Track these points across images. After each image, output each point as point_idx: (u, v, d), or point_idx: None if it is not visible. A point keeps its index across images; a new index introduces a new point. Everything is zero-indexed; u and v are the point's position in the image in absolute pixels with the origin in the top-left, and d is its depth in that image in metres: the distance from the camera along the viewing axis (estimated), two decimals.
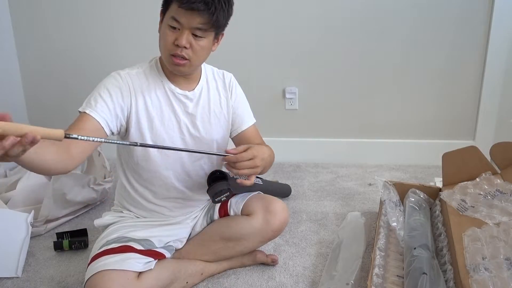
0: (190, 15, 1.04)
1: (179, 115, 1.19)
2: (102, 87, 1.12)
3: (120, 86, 1.12)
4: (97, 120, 1.07)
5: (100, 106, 1.08)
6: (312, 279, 1.31)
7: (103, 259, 1.09)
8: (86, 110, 1.07)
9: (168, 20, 1.08)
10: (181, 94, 1.19)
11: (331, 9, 2.11)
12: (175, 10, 1.05)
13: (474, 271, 1.04)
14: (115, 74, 1.15)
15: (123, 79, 1.14)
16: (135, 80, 1.15)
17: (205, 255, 1.30)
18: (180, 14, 1.05)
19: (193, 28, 1.06)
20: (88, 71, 2.37)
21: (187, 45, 1.07)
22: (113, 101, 1.10)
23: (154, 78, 1.17)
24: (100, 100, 1.09)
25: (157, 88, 1.17)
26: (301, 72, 2.22)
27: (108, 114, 1.09)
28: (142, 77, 1.16)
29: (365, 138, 2.29)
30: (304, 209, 1.78)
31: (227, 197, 1.19)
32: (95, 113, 1.07)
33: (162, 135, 1.18)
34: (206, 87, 1.25)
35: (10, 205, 1.63)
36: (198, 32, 1.07)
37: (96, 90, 1.12)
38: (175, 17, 1.06)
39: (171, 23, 1.07)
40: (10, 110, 2.63)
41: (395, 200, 1.52)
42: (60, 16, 2.30)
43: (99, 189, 1.77)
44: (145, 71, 1.18)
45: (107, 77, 1.15)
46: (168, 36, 1.08)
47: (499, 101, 2.12)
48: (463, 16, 2.05)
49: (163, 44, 1.11)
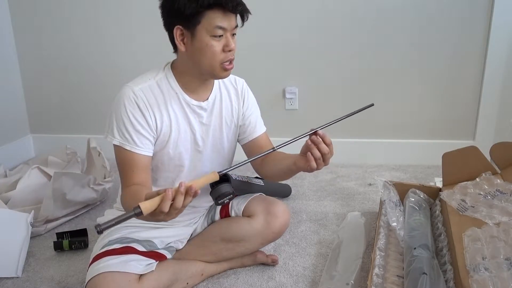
0: (230, 18, 1.06)
1: (194, 126, 1.18)
2: (126, 116, 1.09)
3: (140, 107, 1.09)
4: (143, 154, 1.10)
5: (138, 139, 1.09)
6: (312, 279, 1.31)
7: (105, 260, 1.09)
8: (126, 147, 1.08)
9: (210, 31, 1.04)
10: (196, 106, 1.17)
11: (331, 9, 2.11)
12: (216, 18, 1.04)
13: (474, 271, 1.04)
14: (129, 92, 1.09)
15: (139, 97, 1.10)
16: (149, 96, 1.11)
17: (205, 255, 1.30)
18: (224, 20, 1.05)
19: (233, 29, 1.08)
20: (88, 72, 2.37)
21: (234, 46, 1.09)
22: (143, 126, 1.10)
23: (168, 90, 1.14)
24: (133, 132, 1.09)
25: (173, 101, 1.14)
26: (301, 72, 2.22)
27: (147, 141, 1.11)
28: (156, 89, 1.13)
29: (365, 138, 2.29)
30: (304, 209, 1.78)
31: (230, 199, 1.19)
32: (138, 149, 1.09)
33: (179, 147, 1.17)
34: (219, 96, 1.23)
35: (10, 205, 1.63)
36: (235, 31, 1.10)
37: (121, 118, 1.09)
38: (220, 25, 1.04)
39: (215, 33, 1.05)
40: (10, 111, 2.63)
41: (395, 200, 1.52)
42: (60, 17, 2.30)
43: (99, 189, 1.77)
44: (158, 82, 1.14)
45: (123, 97, 1.09)
46: (216, 47, 1.06)
47: (499, 101, 2.12)
48: (463, 16, 2.05)
49: (212, 55, 1.07)
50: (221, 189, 1.16)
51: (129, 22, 2.25)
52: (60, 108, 2.47)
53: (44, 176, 1.78)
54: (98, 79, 2.37)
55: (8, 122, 2.33)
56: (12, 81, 2.38)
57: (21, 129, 2.46)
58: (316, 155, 1.04)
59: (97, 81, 2.38)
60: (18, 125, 2.43)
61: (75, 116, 2.47)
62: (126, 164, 1.09)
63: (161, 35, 1.16)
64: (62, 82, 2.41)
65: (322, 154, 1.05)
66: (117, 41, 2.30)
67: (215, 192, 1.17)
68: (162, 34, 1.15)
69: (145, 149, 1.10)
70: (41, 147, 2.51)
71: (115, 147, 1.10)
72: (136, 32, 2.26)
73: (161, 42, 1.24)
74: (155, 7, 1.15)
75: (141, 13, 2.21)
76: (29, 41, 2.36)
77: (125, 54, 2.31)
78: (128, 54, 2.30)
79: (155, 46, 2.24)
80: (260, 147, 1.28)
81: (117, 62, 2.33)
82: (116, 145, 1.09)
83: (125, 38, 2.29)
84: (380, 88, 2.21)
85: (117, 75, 2.21)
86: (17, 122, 2.42)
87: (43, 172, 1.79)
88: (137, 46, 2.28)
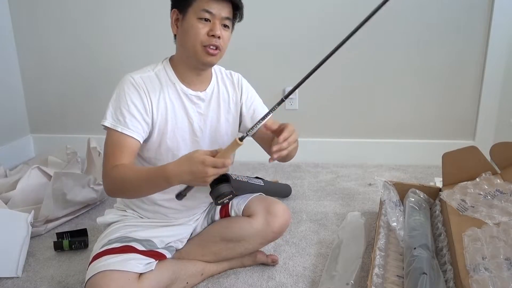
0: (221, 5, 1.09)
1: (192, 116, 1.19)
2: (123, 99, 1.10)
3: (138, 91, 1.11)
4: (133, 137, 1.08)
5: (131, 122, 1.08)
6: (312, 279, 1.31)
7: (104, 259, 1.09)
8: (118, 129, 1.07)
9: (197, 13, 1.08)
10: (193, 95, 1.19)
11: (331, 10, 2.11)
12: (205, 2, 1.08)
13: (474, 271, 1.04)
14: (130, 79, 1.12)
15: (139, 84, 1.12)
16: (148, 84, 1.13)
17: (205, 255, 1.30)
18: (212, 5, 1.08)
19: (223, 18, 1.10)
20: (88, 72, 2.38)
21: (221, 34, 1.09)
22: (139, 111, 1.10)
23: (166, 80, 1.17)
24: (127, 115, 1.08)
25: (170, 90, 1.16)
26: (301, 72, 2.20)
27: (140, 127, 1.10)
28: (155, 80, 1.15)
29: (365, 138, 2.29)
30: (304, 209, 1.78)
31: (230, 199, 1.19)
32: (130, 131, 1.08)
33: (177, 137, 1.18)
34: (217, 88, 1.25)
35: (10, 205, 1.63)
36: (226, 21, 1.11)
37: (117, 102, 1.10)
38: (207, 9, 1.08)
39: (202, 16, 1.08)
40: (10, 111, 2.63)
41: (395, 200, 1.52)
42: (60, 18, 2.30)
43: (99, 189, 1.77)
44: (156, 73, 1.16)
45: (122, 83, 1.12)
46: (200, 29, 1.09)
47: (499, 101, 2.12)
48: (463, 16, 2.05)
49: (194, 36, 1.09)
50: (221, 189, 1.16)
51: (129, 22, 2.25)
52: (60, 108, 2.47)
53: (44, 176, 1.78)
54: (98, 79, 2.37)
55: (8, 122, 2.33)
56: (12, 81, 2.38)
57: (21, 129, 2.46)
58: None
59: (97, 81, 2.38)
60: (18, 125, 2.43)
61: (75, 116, 2.47)
62: (116, 146, 1.07)
63: (161, 35, 1.17)
64: (62, 82, 2.41)
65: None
66: (117, 41, 2.30)
67: (215, 192, 1.17)
68: (162, 34, 1.16)
69: (135, 132, 1.09)
70: (41, 147, 2.51)
71: (107, 131, 1.10)
72: (137, 32, 2.26)
73: (161, 42, 1.25)
74: (156, 8, 1.15)
75: (142, 13, 2.21)
76: (29, 41, 2.36)
77: (126, 54, 2.31)
78: (129, 54, 2.30)
79: (156, 46, 2.25)
80: (271, 128, 1.26)
81: (117, 62, 2.33)
82: (108, 128, 1.09)
83: (126, 38, 2.29)
84: (380, 88, 2.21)
85: (117, 75, 2.19)
86: (17, 122, 2.43)
87: (43, 172, 1.79)
88: (138, 46, 2.28)
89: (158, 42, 2.24)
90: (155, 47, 2.23)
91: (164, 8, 1.21)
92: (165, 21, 1.25)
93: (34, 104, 2.47)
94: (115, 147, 1.07)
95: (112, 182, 1.05)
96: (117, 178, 1.04)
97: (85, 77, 2.39)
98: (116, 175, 1.03)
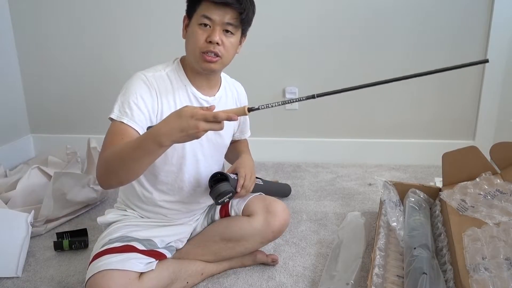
0: (222, 11, 1.07)
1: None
2: (133, 93, 1.09)
3: (149, 89, 1.11)
4: (137, 130, 1.07)
5: (137, 115, 1.07)
6: (312, 279, 1.31)
7: (105, 258, 1.09)
8: (123, 120, 1.06)
9: (198, 19, 1.09)
10: (203, 99, 1.19)
11: (331, 9, 2.11)
12: (206, 8, 1.07)
13: (474, 271, 1.04)
14: (141, 75, 1.12)
15: (150, 82, 1.12)
16: (160, 83, 1.13)
17: (205, 255, 1.30)
18: (212, 10, 1.07)
19: (224, 24, 1.09)
20: (88, 72, 2.37)
21: (219, 41, 1.08)
22: (146, 107, 1.09)
23: (177, 82, 1.17)
24: (135, 108, 1.08)
25: (181, 92, 1.16)
26: (301, 72, 2.22)
27: (144, 122, 1.09)
28: (166, 80, 1.15)
29: (365, 138, 2.29)
30: (304, 209, 1.78)
31: (230, 198, 1.19)
32: (134, 123, 1.06)
33: None
34: (225, 94, 1.27)
35: (10, 205, 1.63)
36: (229, 27, 1.10)
37: (126, 95, 1.09)
38: (206, 15, 1.07)
39: (202, 21, 1.08)
40: (10, 111, 2.63)
41: (395, 200, 1.52)
42: (61, 18, 2.30)
43: (99, 189, 1.77)
44: (168, 73, 1.17)
45: (134, 79, 1.12)
46: (199, 35, 1.08)
47: (499, 101, 2.12)
48: (463, 16, 2.05)
49: (194, 42, 1.10)
50: (221, 188, 1.16)
51: (130, 22, 2.25)
52: (60, 108, 2.47)
53: (44, 176, 1.78)
54: (99, 79, 2.37)
55: (8, 122, 2.33)
56: (12, 81, 2.38)
57: (21, 129, 2.46)
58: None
59: (97, 81, 2.38)
60: (18, 125, 2.43)
61: (75, 116, 2.47)
62: (117, 134, 1.05)
63: (164, 36, 1.17)
64: (62, 81, 2.41)
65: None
66: (117, 41, 2.30)
67: (215, 191, 1.17)
68: (164, 35, 1.16)
69: (139, 126, 1.07)
70: (41, 147, 2.51)
71: (111, 123, 1.08)
72: (138, 33, 2.26)
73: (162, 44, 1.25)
74: (156, 8, 1.15)
75: (142, 13, 2.21)
76: (29, 41, 2.36)
77: (126, 54, 2.30)
78: (129, 54, 2.30)
79: (157, 47, 2.25)
80: (239, 148, 1.39)
81: (117, 62, 2.33)
82: (112, 120, 1.07)
83: (126, 38, 2.28)
84: (380, 88, 2.20)
85: (118, 74, 2.21)
86: (17, 122, 2.43)
87: (43, 172, 1.79)
88: (138, 47, 2.28)
89: (159, 42, 2.24)
90: (156, 47, 2.23)
91: (164, 8, 1.21)
92: (165, 21, 1.26)
93: (34, 104, 2.47)
94: (114, 135, 1.05)
95: (104, 163, 1.00)
96: (107, 156, 0.99)
97: (85, 77, 2.38)
98: (107, 154, 1.00)
